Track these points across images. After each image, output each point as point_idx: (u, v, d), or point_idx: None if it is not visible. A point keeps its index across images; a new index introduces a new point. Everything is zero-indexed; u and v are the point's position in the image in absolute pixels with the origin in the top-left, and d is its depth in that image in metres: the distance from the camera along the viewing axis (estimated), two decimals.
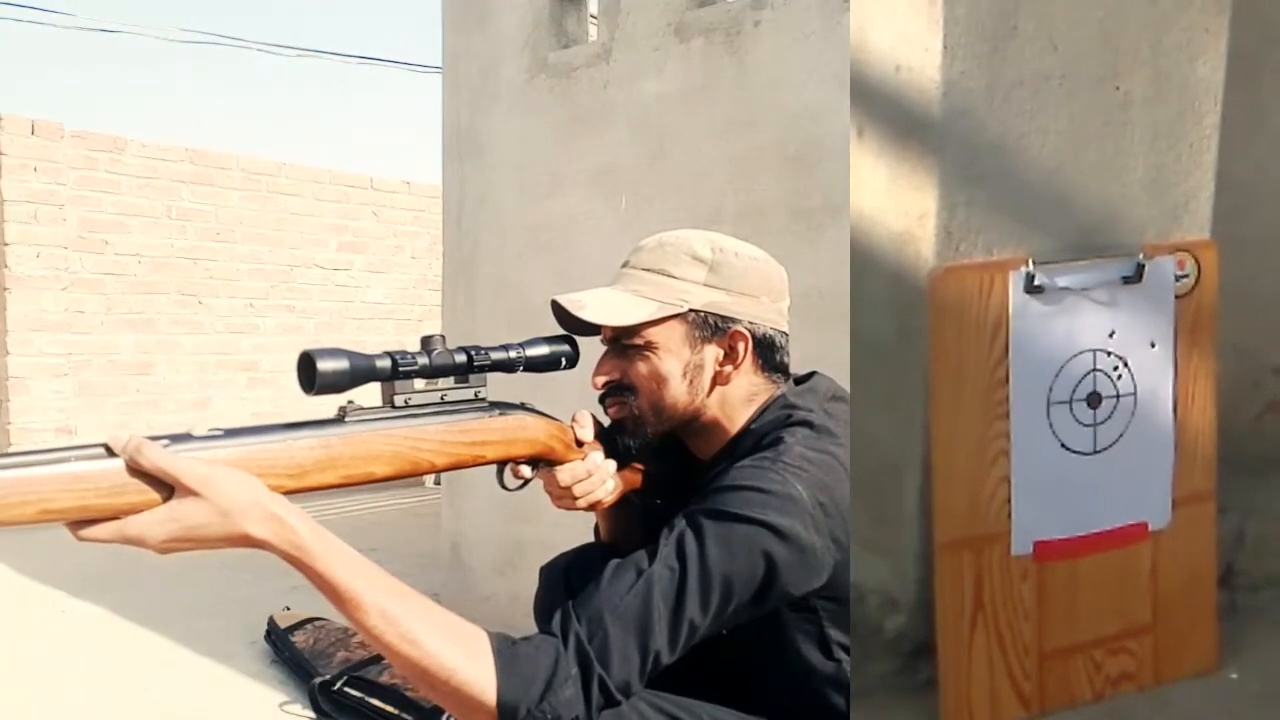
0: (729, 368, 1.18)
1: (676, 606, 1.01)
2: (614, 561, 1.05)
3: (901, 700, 1.62)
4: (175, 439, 0.92)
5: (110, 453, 0.88)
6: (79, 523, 0.87)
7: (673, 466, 1.27)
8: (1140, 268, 1.52)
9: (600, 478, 1.21)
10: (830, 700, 1.16)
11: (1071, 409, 1.54)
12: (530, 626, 1.07)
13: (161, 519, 0.88)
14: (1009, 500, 1.53)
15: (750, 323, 1.18)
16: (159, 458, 0.88)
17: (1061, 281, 1.50)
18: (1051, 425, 1.53)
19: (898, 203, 1.51)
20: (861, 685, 1.16)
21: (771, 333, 1.20)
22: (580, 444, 1.20)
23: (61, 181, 5.61)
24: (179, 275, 6.09)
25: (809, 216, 2.32)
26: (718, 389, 1.19)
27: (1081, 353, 1.53)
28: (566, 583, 1.28)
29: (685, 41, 2.59)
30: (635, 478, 1.26)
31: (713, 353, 1.18)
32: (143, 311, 5.97)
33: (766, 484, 1.06)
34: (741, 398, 1.20)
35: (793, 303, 1.25)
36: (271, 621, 2.89)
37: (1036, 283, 1.48)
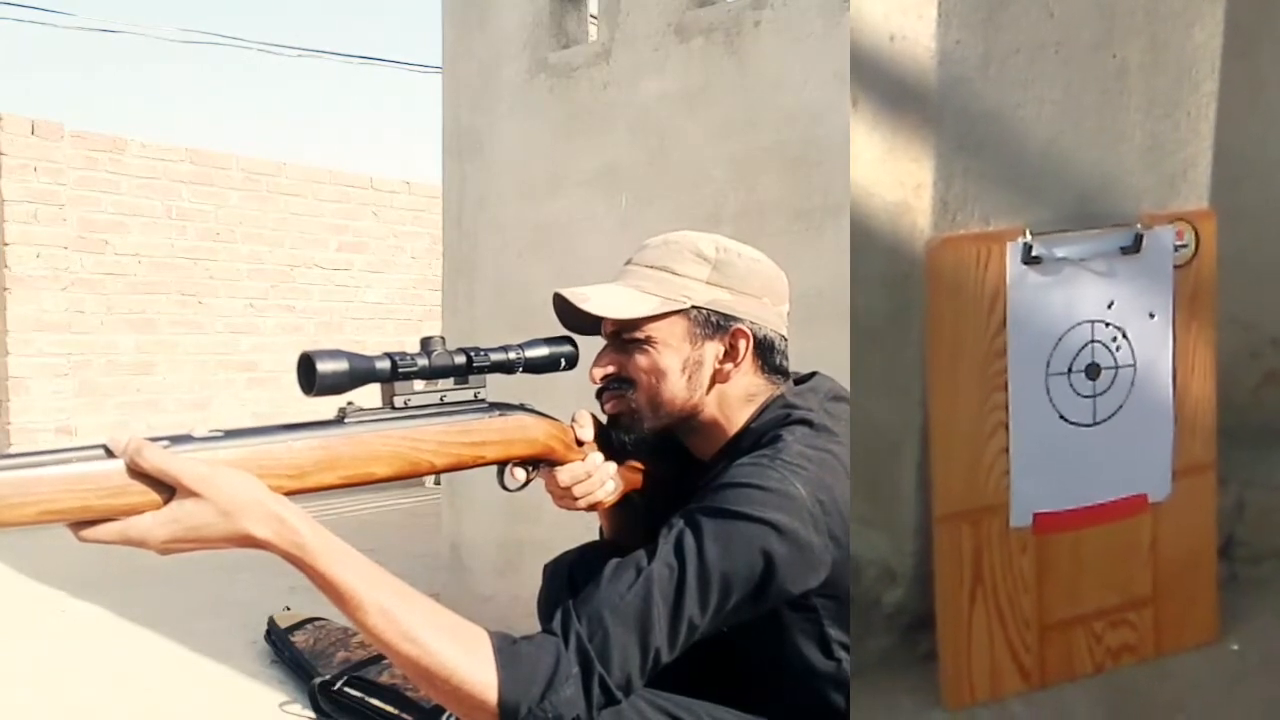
0: (729, 365, 1.18)
1: (676, 604, 1.01)
2: (613, 560, 1.05)
3: (900, 674, 1.62)
4: (175, 440, 0.92)
5: (110, 454, 0.88)
6: (80, 523, 0.88)
7: (673, 466, 1.27)
8: (1139, 238, 1.51)
9: (600, 478, 1.21)
10: (830, 699, 1.16)
11: (1070, 380, 1.53)
12: (530, 626, 1.07)
13: (163, 520, 0.88)
14: (1007, 472, 1.53)
15: (752, 322, 1.19)
16: (159, 459, 0.88)
17: (1059, 252, 1.49)
18: (1050, 397, 1.53)
19: (893, 173, 1.50)
20: (860, 660, 1.16)
21: (772, 334, 1.20)
22: (580, 444, 1.21)
23: (61, 181, 5.61)
24: (179, 275, 6.09)
25: (809, 216, 2.32)
26: (717, 387, 1.19)
27: (1080, 324, 1.52)
28: (570, 581, 1.28)
29: (685, 41, 2.59)
30: (636, 477, 1.26)
31: (713, 350, 1.18)
32: (143, 311, 5.97)
33: (765, 482, 1.06)
34: (740, 397, 1.20)
35: (793, 303, 1.26)
36: (271, 622, 2.89)
37: (1034, 253, 1.47)
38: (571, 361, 1.21)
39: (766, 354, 1.20)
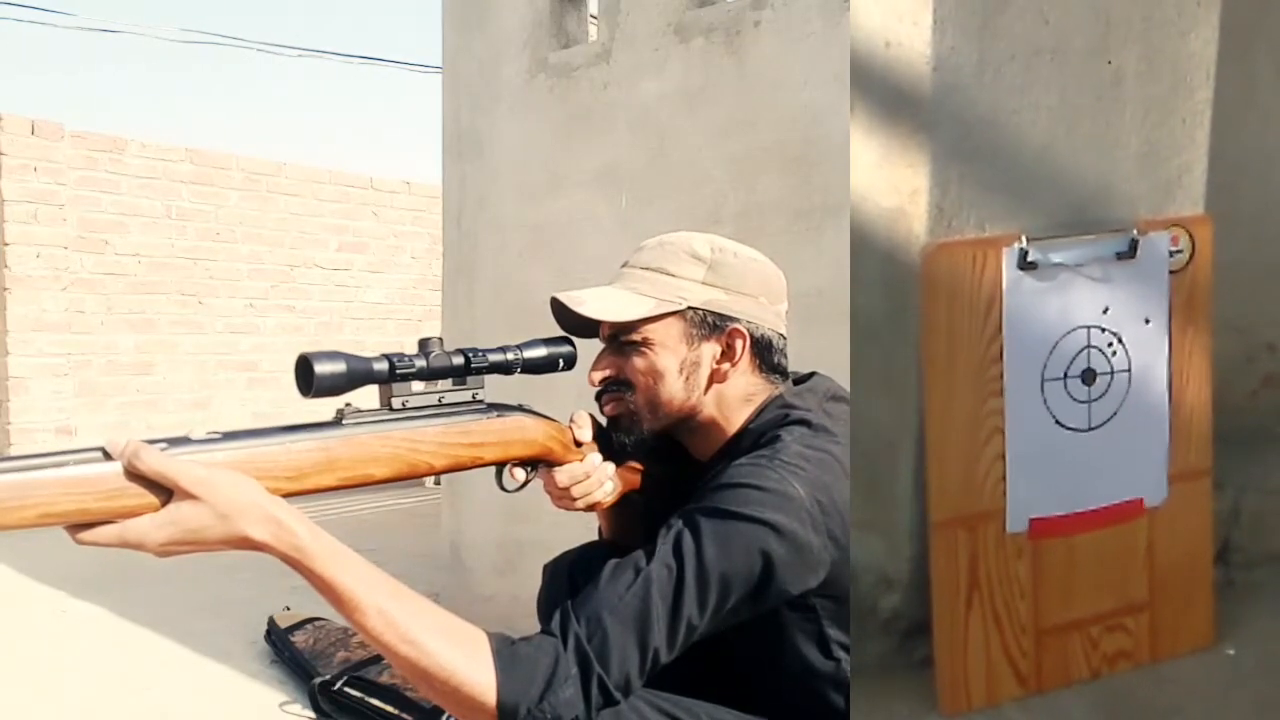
0: (726, 365, 1.18)
1: (674, 605, 1.01)
2: (612, 561, 1.05)
3: (897, 679, 1.62)
4: (173, 442, 0.93)
5: (108, 456, 0.88)
6: (78, 526, 0.88)
7: (672, 467, 1.27)
8: (1134, 243, 1.52)
9: (598, 479, 1.21)
10: (829, 699, 1.16)
11: (1066, 386, 1.54)
12: (530, 626, 1.07)
13: (160, 522, 0.89)
14: (1004, 478, 1.53)
15: (749, 322, 1.19)
16: (156, 461, 0.89)
17: (1055, 258, 1.49)
18: (1046, 402, 1.53)
19: (889, 180, 1.51)
20: (856, 665, 1.16)
21: (769, 334, 1.20)
22: (579, 444, 1.21)
23: (61, 181, 5.61)
24: (179, 275, 6.10)
25: (809, 216, 2.32)
26: (714, 387, 1.19)
27: (1075, 329, 1.53)
28: (570, 580, 1.28)
29: (685, 41, 2.59)
30: (634, 478, 1.26)
31: (710, 350, 1.18)
32: (143, 311, 5.97)
33: (764, 482, 1.06)
34: (738, 397, 1.20)
35: (792, 302, 1.25)
36: (271, 621, 2.89)
37: (1030, 259, 1.48)
38: (570, 362, 1.21)
39: (764, 353, 1.20)
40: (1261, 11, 1.82)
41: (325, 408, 1.03)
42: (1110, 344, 1.55)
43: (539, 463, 1.19)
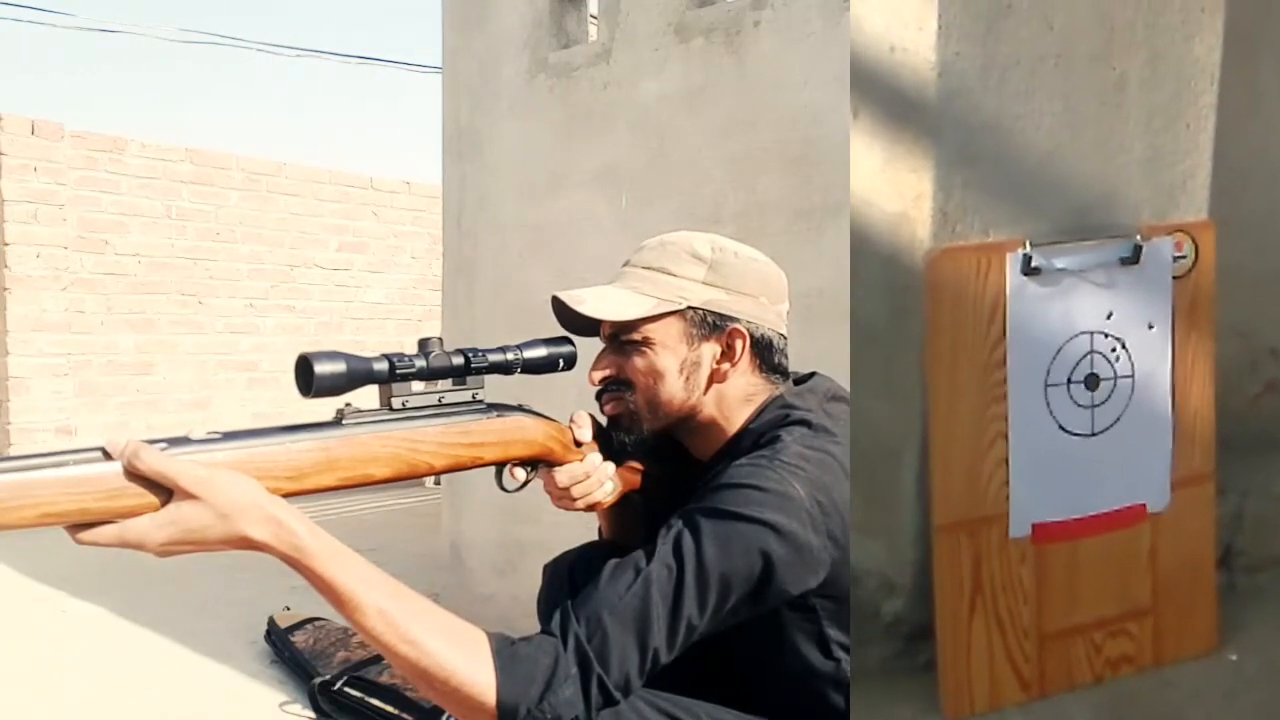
0: (726, 365, 1.18)
1: (674, 605, 1.01)
2: (612, 561, 1.05)
3: (900, 684, 1.62)
4: (173, 442, 0.93)
5: (108, 456, 0.88)
6: (78, 526, 0.88)
7: (672, 467, 1.27)
8: (1138, 249, 1.52)
9: (598, 479, 1.21)
10: (829, 699, 1.16)
11: (1069, 391, 1.54)
12: (530, 626, 1.07)
13: (160, 522, 0.89)
14: (1007, 482, 1.53)
15: (749, 322, 1.19)
16: (157, 461, 0.89)
17: (1059, 263, 1.50)
18: (1049, 407, 1.53)
19: (893, 184, 1.51)
20: (859, 669, 1.16)
21: (770, 334, 1.20)
22: (579, 445, 1.21)
23: (61, 181, 5.61)
24: (179, 275, 6.09)
25: (809, 216, 2.32)
26: (715, 387, 1.19)
27: (1079, 334, 1.53)
28: (570, 580, 1.28)
29: (685, 41, 2.59)
30: (635, 478, 1.26)
31: (710, 350, 1.18)
32: (143, 311, 5.97)
33: (764, 482, 1.06)
34: (739, 397, 1.20)
35: (793, 302, 1.26)
36: (271, 621, 2.89)
37: (1034, 264, 1.48)
38: (570, 362, 1.21)
39: (765, 353, 1.20)
40: (1265, 17, 1.81)
41: (325, 408, 1.03)
42: (1114, 349, 1.55)
43: (539, 463, 1.19)
